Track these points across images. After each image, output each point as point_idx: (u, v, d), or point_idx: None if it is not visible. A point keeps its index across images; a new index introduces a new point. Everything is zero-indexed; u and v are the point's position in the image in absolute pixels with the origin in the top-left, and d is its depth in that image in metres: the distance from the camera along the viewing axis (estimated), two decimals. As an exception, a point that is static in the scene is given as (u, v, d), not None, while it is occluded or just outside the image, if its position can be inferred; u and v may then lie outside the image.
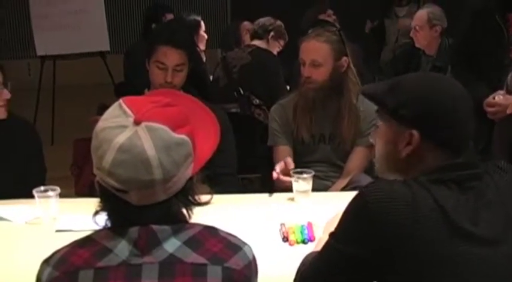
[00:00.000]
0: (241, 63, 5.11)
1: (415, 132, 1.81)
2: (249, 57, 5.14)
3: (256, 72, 5.03)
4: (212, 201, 1.72)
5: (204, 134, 1.65)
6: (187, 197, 1.60)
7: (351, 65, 3.34)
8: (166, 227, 1.55)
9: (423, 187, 1.74)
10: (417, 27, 5.11)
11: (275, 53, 5.45)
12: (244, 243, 1.64)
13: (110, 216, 1.60)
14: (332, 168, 3.39)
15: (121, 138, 1.50)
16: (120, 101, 1.58)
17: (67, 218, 2.67)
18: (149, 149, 1.49)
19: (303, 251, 2.22)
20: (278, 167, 3.01)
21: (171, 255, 1.53)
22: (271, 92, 4.83)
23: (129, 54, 5.68)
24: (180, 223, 1.59)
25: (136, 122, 1.51)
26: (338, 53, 3.29)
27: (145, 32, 5.67)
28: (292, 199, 2.92)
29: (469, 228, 1.70)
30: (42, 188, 2.71)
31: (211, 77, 5.42)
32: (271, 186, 3.14)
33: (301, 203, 2.87)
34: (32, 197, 2.72)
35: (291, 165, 3.01)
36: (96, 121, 1.60)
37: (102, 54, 7.18)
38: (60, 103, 7.25)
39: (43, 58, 7.07)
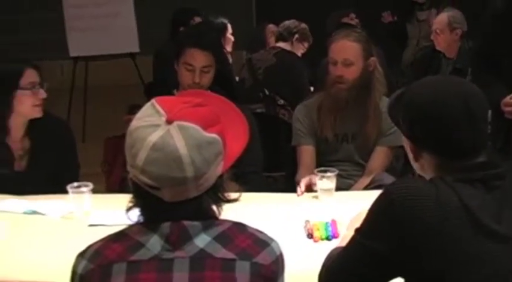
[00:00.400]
0: (266, 65, 5.11)
1: (416, 147, 1.83)
2: (274, 59, 5.14)
3: (280, 74, 5.03)
4: (240, 198, 1.73)
5: (233, 133, 1.65)
6: (217, 193, 1.61)
7: (378, 65, 3.34)
8: (197, 223, 1.56)
9: (449, 186, 1.73)
10: (438, 31, 5.09)
11: (299, 54, 5.45)
12: (272, 239, 1.64)
13: (143, 212, 1.61)
14: (355, 167, 3.39)
15: (154, 136, 1.51)
16: (153, 100, 1.59)
17: (99, 213, 2.69)
18: (181, 147, 1.50)
19: (327, 247, 2.21)
20: (303, 184, 2.98)
21: (202, 250, 1.54)
22: (295, 94, 4.82)
23: (158, 56, 5.69)
24: (210, 219, 1.60)
25: (169, 121, 1.52)
26: (367, 52, 3.30)
27: (173, 34, 5.67)
28: (316, 197, 2.91)
29: (493, 227, 1.69)
30: (75, 184, 2.74)
31: (237, 78, 5.42)
32: (294, 185, 3.14)
33: (325, 201, 2.86)
34: (66, 192, 2.74)
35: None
36: (130, 120, 1.61)
37: (132, 55, 7.21)
38: (92, 102, 7.27)
39: (76, 59, 7.11)
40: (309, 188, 2.98)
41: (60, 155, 3.19)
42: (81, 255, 1.61)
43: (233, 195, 1.67)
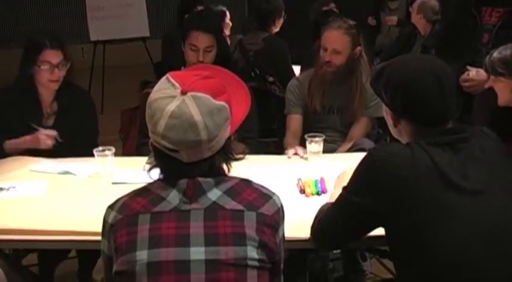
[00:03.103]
0: (255, 49, 5.03)
1: (395, 115, 1.82)
2: (262, 44, 5.04)
3: (268, 58, 4.93)
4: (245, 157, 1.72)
5: (237, 101, 1.64)
6: (227, 153, 1.60)
7: (363, 53, 3.32)
8: (209, 179, 1.55)
9: (422, 148, 1.73)
10: (411, 9, 5.07)
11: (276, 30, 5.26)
12: (274, 193, 1.64)
13: (163, 171, 1.60)
14: (338, 134, 3.37)
15: (171, 106, 1.49)
16: (168, 75, 1.57)
17: (121, 172, 2.67)
18: (196, 114, 1.48)
19: (317, 201, 2.22)
20: (291, 153, 2.99)
21: (214, 203, 1.53)
22: (281, 75, 4.77)
23: (165, 40, 5.64)
24: (220, 176, 1.58)
25: (183, 92, 1.50)
26: (354, 43, 3.26)
27: (179, 20, 5.62)
28: (306, 159, 2.90)
29: (460, 183, 1.69)
30: (100, 148, 2.72)
31: (231, 59, 5.35)
32: (284, 149, 3.14)
33: (313, 161, 2.85)
34: (88, 155, 2.74)
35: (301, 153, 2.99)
36: (148, 93, 1.59)
37: (143, 39, 7.25)
38: (109, 80, 7.26)
39: (95, 43, 7.15)
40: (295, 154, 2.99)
41: (82, 119, 3.16)
42: (111, 207, 1.60)
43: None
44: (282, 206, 1.63)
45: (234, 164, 1.64)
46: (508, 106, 2.62)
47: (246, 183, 1.61)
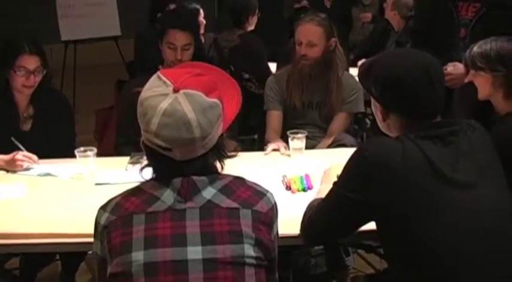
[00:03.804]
0: (231, 45, 5.01)
1: (384, 110, 1.82)
2: (238, 40, 5.03)
3: (244, 54, 4.93)
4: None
5: (228, 98, 1.62)
6: (219, 151, 1.58)
7: (338, 45, 3.34)
8: (203, 178, 1.53)
9: (412, 142, 1.73)
10: (385, 5, 5.09)
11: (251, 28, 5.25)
12: (267, 191, 1.63)
13: (156, 171, 1.57)
14: (318, 130, 3.37)
15: (164, 104, 1.47)
16: (158, 73, 1.55)
17: (103, 173, 2.63)
18: (189, 112, 1.47)
19: (304, 198, 2.22)
20: (270, 149, 2.99)
21: (209, 201, 1.51)
22: (257, 72, 4.76)
23: (139, 38, 5.58)
24: (214, 174, 1.56)
25: (176, 90, 1.48)
26: (329, 34, 3.28)
27: (151, 19, 5.58)
28: (288, 155, 2.89)
29: (451, 175, 1.70)
30: (82, 148, 2.67)
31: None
32: (263, 146, 3.13)
33: (296, 158, 2.84)
34: (67, 156, 2.70)
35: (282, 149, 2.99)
36: (139, 92, 1.56)
37: (114, 38, 7.15)
38: (80, 80, 7.15)
39: (66, 43, 7.03)
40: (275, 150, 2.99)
41: (60, 122, 3.09)
42: (103, 208, 1.56)
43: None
44: (275, 202, 1.62)
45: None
46: (488, 100, 2.64)
47: (239, 180, 1.60)
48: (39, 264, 2.92)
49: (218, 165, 1.59)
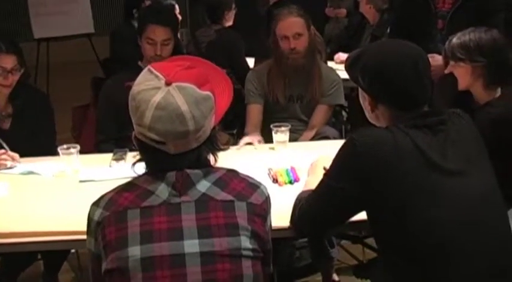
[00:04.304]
0: (208, 40, 5.01)
1: (373, 101, 1.82)
2: (214, 35, 5.03)
3: (220, 49, 4.92)
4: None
5: (219, 90, 1.61)
6: (212, 143, 1.57)
7: (317, 32, 3.35)
8: (198, 171, 1.52)
9: (402, 131, 1.74)
10: (361, 1, 5.12)
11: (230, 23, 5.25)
12: (260, 183, 1.62)
13: (149, 165, 1.55)
14: (299, 123, 3.37)
15: (157, 97, 1.46)
16: (149, 67, 1.53)
17: (87, 170, 2.59)
18: (182, 104, 1.45)
19: (291, 190, 2.21)
20: (243, 142, 3.00)
21: (204, 194, 1.50)
22: (235, 66, 4.75)
23: (114, 35, 5.53)
24: (207, 167, 1.55)
25: (168, 83, 1.47)
26: (308, 24, 3.29)
27: (126, 15, 5.53)
28: (273, 148, 2.89)
29: (441, 163, 1.71)
30: (65, 146, 2.63)
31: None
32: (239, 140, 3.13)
33: (280, 151, 2.84)
34: (49, 154, 2.67)
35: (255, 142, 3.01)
36: (130, 87, 1.54)
37: (88, 35, 7.09)
38: (54, 77, 7.06)
39: (39, 41, 6.94)
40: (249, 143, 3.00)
41: (39, 120, 3.06)
42: (96, 204, 1.54)
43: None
44: (269, 195, 1.62)
45: None
46: (467, 90, 2.67)
47: (233, 173, 1.59)
48: (21, 265, 2.87)
49: (212, 158, 1.58)
